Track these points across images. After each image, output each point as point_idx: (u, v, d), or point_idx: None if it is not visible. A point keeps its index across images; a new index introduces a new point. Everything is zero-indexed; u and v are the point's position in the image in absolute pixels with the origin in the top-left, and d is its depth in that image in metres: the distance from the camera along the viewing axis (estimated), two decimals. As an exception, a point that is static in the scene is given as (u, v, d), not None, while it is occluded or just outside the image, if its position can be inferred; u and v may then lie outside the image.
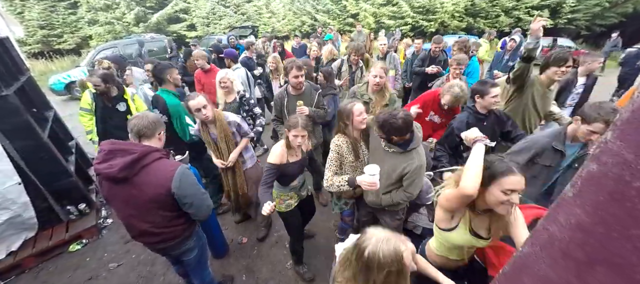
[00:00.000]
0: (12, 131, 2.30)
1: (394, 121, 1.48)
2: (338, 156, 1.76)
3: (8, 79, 2.51)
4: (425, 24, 14.76)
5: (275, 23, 18.29)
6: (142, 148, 1.28)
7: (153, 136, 1.38)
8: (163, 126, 1.45)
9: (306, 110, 2.35)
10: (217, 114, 2.09)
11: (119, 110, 2.76)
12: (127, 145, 1.28)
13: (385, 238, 0.92)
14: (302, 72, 2.32)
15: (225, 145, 2.14)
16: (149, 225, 1.39)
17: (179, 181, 1.30)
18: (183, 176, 1.32)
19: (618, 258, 0.37)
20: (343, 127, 1.76)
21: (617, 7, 12.36)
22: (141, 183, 1.27)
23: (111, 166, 1.21)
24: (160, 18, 15.87)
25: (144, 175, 1.27)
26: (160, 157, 1.33)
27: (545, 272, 0.48)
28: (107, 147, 1.25)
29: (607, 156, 0.37)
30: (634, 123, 0.34)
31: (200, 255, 1.71)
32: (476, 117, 2.05)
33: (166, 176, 1.29)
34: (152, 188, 1.27)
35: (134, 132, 1.36)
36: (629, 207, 0.35)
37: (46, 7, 15.48)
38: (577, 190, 0.42)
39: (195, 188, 1.39)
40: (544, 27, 2.05)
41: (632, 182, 0.34)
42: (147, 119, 1.38)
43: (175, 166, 1.33)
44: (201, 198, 1.42)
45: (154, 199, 1.30)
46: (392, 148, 1.62)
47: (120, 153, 1.24)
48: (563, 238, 0.44)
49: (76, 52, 15.39)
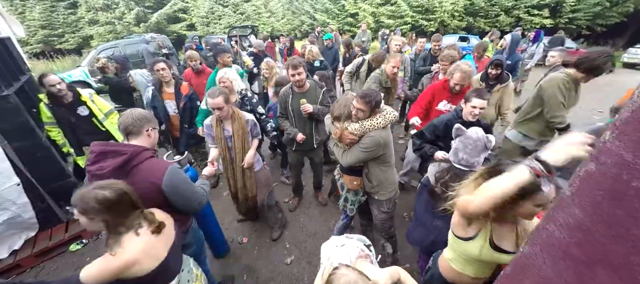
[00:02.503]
0: (11, 131, 2.29)
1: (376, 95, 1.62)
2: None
3: (9, 79, 2.52)
4: (424, 23, 14.76)
5: (274, 22, 18.29)
6: (133, 149, 1.28)
7: (140, 133, 1.36)
8: (152, 122, 1.42)
9: (310, 108, 2.35)
10: (235, 112, 2.05)
11: (81, 115, 2.68)
12: (118, 146, 1.28)
13: (354, 281, 0.89)
14: (299, 70, 2.28)
15: (240, 143, 2.08)
16: None
17: (169, 180, 1.32)
18: (173, 174, 1.34)
19: (617, 258, 0.36)
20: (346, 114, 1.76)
21: (618, 7, 12.32)
22: (132, 183, 1.27)
23: (102, 167, 1.22)
24: (159, 18, 15.88)
25: (135, 175, 1.28)
26: (150, 157, 1.34)
27: (545, 272, 0.48)
28: (98, 149, 1.25)
29: (606, 156, 0.37)
30: (632, 123, 0.34)
31: (199, 252, 1.75)
32: (459, 122, 1.97)
33: (157, 174, 1.31)
34: (144, 187, 1.29)
35: (122, 130, 1.36)
36: (628, 206, 0.34)
37: (47, 8, 15.51)
38: (575, 189, 0.41)
39: (185, 186, 1.40)
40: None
41: (631, 181, 0.34)
42: (132, 116, 1.35)
43: (165, 164, 1.36)
44: (192, 194, 1.43)
45: (146, 197, 1.31)
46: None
47: (111, 154, 1.24)
48: (562, 238, 0.44)
49: (77, 52, 15.41)
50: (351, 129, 1.68)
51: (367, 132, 1.66)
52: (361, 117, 1.66)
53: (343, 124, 1.73)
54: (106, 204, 0.99)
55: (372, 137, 1.65)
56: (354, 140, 1.71)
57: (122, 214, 1.05)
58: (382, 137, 1.67)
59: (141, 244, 1.07)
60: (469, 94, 1.93)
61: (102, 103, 2.89)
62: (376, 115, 1.67)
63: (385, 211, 1.94)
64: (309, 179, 3.17)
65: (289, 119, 2.54)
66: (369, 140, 1.65)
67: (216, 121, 2.07)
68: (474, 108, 1.88)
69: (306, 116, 2.41)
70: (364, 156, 1.70)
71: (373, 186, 1.85)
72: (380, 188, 1.85)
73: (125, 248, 1.03)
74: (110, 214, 1.01)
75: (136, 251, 1.05)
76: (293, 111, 2.46)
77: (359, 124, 1.67)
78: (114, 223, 1.04)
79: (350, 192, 2.01)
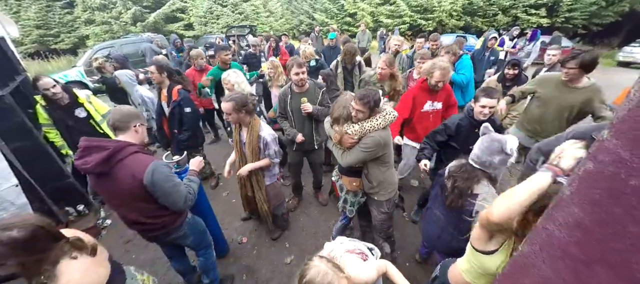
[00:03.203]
0: (8, 132, 2.27)
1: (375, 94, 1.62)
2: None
3: (4, 79, 2.49)
4: (423, 22, 14.78)
5: (272, 22, 18.23)
6: (116, 144, 1.30)
7: (128, 129, 1.40)
8: (140, 118, 1.45)
9: (310, 108, 2.34)
10: (252, 123, 2.01)
11: (79, 117, 2.66)
12: (101, 142, 1.31)
13: (325, 271, 0.92)
14: (303, 69, 2.30)
15: (250, 152, 2.06)
16: (137, 214, 1.47)
17: (151, 175, 1.32)
18: (155, 170, 1.34)
19: (615, 256, 0.37)
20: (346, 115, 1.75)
21: (614, 6, 12.42)
22: (118, 177, 1.31)
23: (86, 162, 1.26)
24: (157, 17, 15.77)
25: (120, 169, 1.31)
26: (135, 152, 1.35)
27: (544, 272, 0.48)
28: (83, 144, 1.29)
29: (604, 154, 0.37)
30: (629, 122, 0.34)
31: (200, 240, 1.85)
32: (470, 122, 1.98)
33: (139, 169, 1.32)
34: (128, 181, 1.31)
35: (110, 126, 1.41)
36: (626, 204, 0.35)
37: (42, 7, 15.34)
38: (574, 188, 0.42)
39: (168, 183, 1.38)
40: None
41: (628, 179, 0.34)
42: (120, 112, 1.40)
43: (149, 160, 1.36)
44: (175, 191, 1.42)
45: (131, 192, 1.34)
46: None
47: (95, 149, 1.28)
48: (562, 237, 0.44)
49: (73, 52, 15.26)
50: (351, 131, 1.68)
51: (367, 133, 1.66)
52: (361, 118, 1.66)
53: (342, 127, 1.72)
54: (15, 245, 0.85)
55: (372, 137, 1.65)
56: (354, 143, 1.71)
57: (41, 251, 0.92)
58: (383, 137, 1.67)
59: (82, 266, 0.99)
60: (478, 92, 1.94)
61: (99, 104, 2.87)
62: (376, 115, 1.67)
63: (384, 211, 1.94)
64: (309, 179, 3.17)
65: (289, 120, 2.54)
66: (369, 140, 1.65)
67: (236, 126, 2.09)
68: (484, 107, 1.87)
69: (306, 115, 2.41)
70: (363, 156, 1.70)
71: (373, 186, 1.85)
72: (380, 188, 1.85)
73: (65, 276, 0.94)
74: (25, 255, 0.87)
75: (79, 275, 0.96)
76: (292, 111, 2.45)
77: (359, 125, 1.67)
78: (34, 264, 0.90)
79: (350, 194, 2.01)
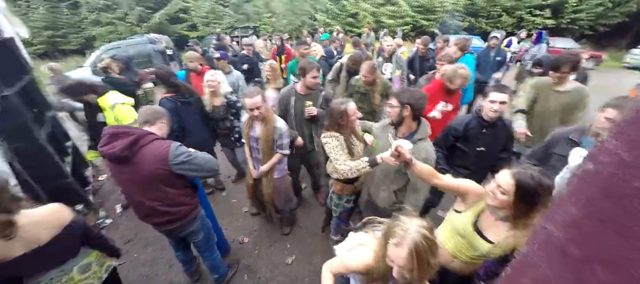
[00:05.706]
0: (10, 132, 2.28)
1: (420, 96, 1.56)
2: (340, 144, 1.73)
3: (11, 79, 2.52)
4: (425, 23, 14.74)
5: (275, 23, 18.32)
6: (140, 131, 1.49)
7: (154, 123, 1.63)
8: (165, 116, 1.70)
9: (314, 111, 2.34)
10: (269, 114, 2.01)
11: (99, 121, 2.57)
12: (128, 128, 1.48)
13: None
14: (319, 74, 2.36)
15: (265, 144, 2.05)
16: (155, 202, 1.56)
17: (174, 152, 1.49)
18: (176, 147, 1.52)
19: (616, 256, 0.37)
20: (336, 126, 1.74)
21: (621, 7, 12.25)
22: (140, 162, 1.45)
23: (114, 146, 1.40)
24: (161, 18, 15.95)
25: (142, 154, 1.45)
26: (155, 139, 1.53)
27: (543, 272, 0.48)
28: (110, 131, 1.45)
29: (604, 155, 0.37)
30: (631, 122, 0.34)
31: (207, 238, 1.93)
32: (479, 123, 1.90)
33: (163, 151, 1.48)
34: (150, 165, 1.46)
35: (141, 121, 1.62)
36: (626, 205, 0.35)
37: (49, 8, 15.63)
38: (573, 188, 0.42)
39: (190, 156, 1.54)
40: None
41: (629, 181, 0.34)
42: (152, 109, 1.69)
43: (168, 143, 1.53)
44: (200, 161, 1.56)
45: (154, 175, 1.48)
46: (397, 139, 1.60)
47: (122, 136, 1.43)
48: (560, 237, 0.44)
49: (80, 53, 15.50)
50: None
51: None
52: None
53: (395, 140, 1.57)
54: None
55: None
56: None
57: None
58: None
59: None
60: (488, 88, 1.94)
61: (123, 114, 2.56)
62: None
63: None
64: (309, 180, 3.17)
65: (289, 122, 2.53)
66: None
67: (248, 119, 2.09)
68: (493, 103, 1.76)
69: (309, 118, 2.41)
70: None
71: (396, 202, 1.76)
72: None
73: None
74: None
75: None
76: (295, 114, 2.44)
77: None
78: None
79: (335, 195, 2.06)
